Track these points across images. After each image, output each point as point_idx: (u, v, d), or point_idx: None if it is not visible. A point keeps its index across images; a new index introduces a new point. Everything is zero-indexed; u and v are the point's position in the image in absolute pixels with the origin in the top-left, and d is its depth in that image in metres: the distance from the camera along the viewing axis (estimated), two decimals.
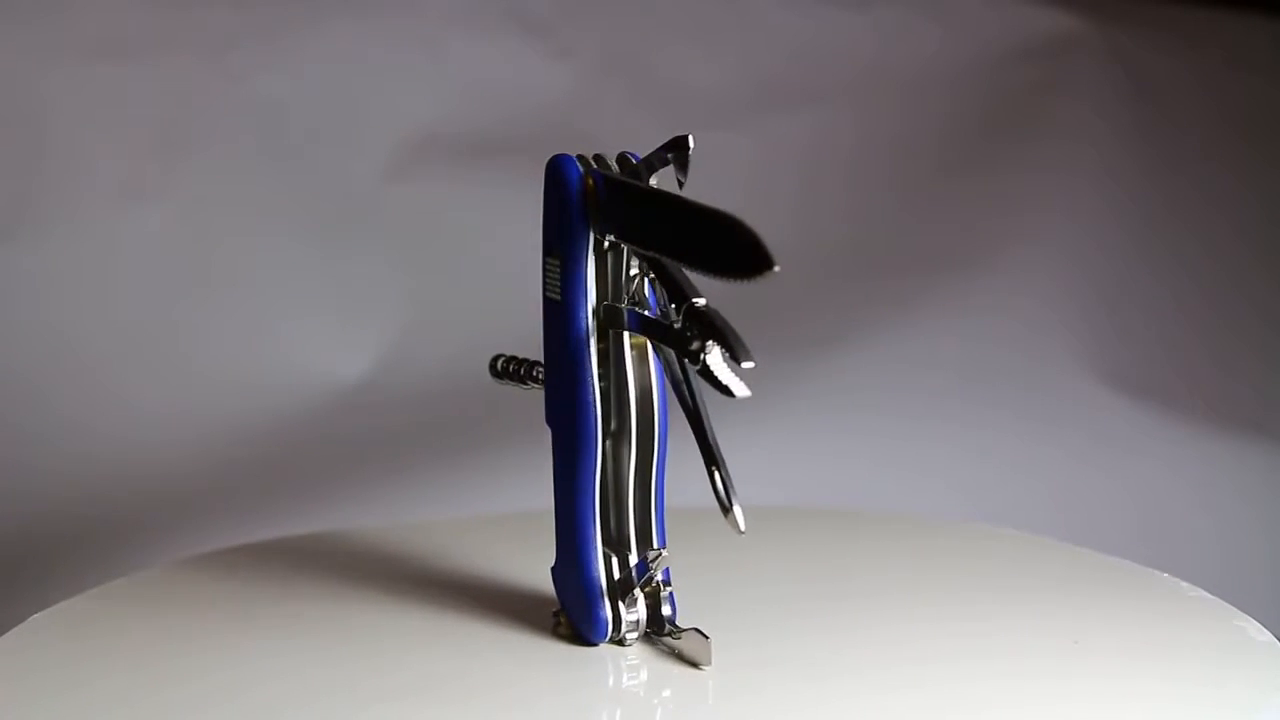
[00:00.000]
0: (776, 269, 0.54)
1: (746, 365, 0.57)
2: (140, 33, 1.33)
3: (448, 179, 1.40)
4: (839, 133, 1.53)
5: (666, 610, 0.64)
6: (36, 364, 1.29)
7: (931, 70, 1.55)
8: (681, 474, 0.66)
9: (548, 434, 0.65)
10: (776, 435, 1.41)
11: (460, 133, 1.41)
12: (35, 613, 0.71)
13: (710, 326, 0.58)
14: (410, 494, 1.31)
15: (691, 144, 0.61)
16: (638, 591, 0.64)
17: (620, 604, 0.64)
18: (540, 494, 0.67)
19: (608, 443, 0.64)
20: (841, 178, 1.53)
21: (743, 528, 0.59)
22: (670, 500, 0.66)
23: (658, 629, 0.64)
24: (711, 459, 0.60)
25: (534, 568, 0.72)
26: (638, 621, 0.64)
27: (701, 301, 0.58)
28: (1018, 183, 1.57)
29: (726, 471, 0.60)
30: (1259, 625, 0.69)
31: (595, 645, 0.64)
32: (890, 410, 1.47)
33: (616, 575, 0.64)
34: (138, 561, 0.87)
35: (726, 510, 0.59)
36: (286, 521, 1.22)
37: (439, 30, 1.42)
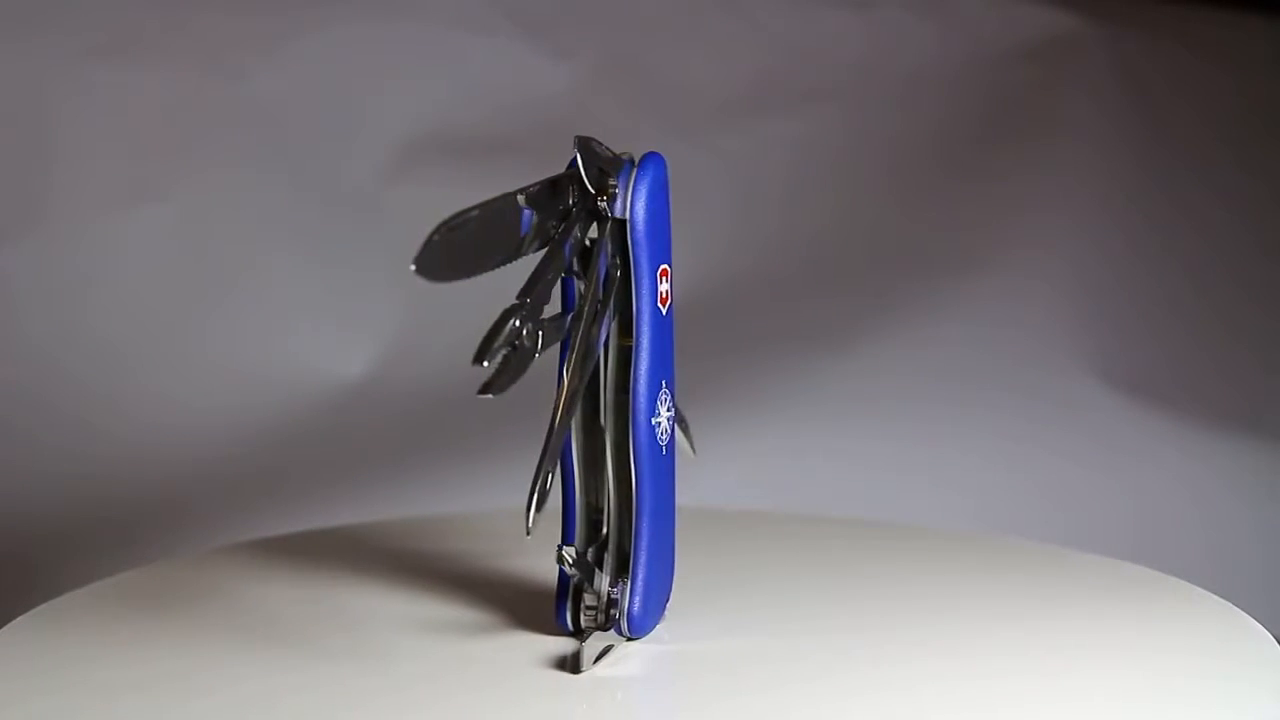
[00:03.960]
0: (411, 268, 0.57)
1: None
2: (140, 33, 1.33)
3: (448, 179, 1.40)
4: (837, 133, 1.53)
5: (620, 609, 0.64)
6: (35, 364, 1.29)
7: (929, 70, 1.55)
8: (683, 475, 0.66)
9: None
10: (773, 437, 1.41)
11: (460, 133, 1.41)
12: (29, 609, 0.71)
13: None
14: (409, 492, 1.31)
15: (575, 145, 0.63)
16: (602, 588, 0.64)
17: (583, 598, 0.65)
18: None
19: (594, 440, 0.65)
20: (839, 178, 1.53)
21: (529, 535, 0.60)
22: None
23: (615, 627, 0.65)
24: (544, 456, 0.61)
25: (532, 564, 0.72)
26: (594, 616, 0.65)
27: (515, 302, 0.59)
28: (1016, 183, 1.57)
29: (546, 474, 0.60)
30: (1257, 623, 0.69)
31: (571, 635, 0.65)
32: (888, 413, 1.47)
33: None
34: (136, 558, 0.87)
35: (529, 511, 0.60)
36: (286, 519, 1.22)
37: (439, 30, 1.42)
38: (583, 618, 0.65)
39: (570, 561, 0.63)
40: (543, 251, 0.62)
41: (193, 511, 1.28)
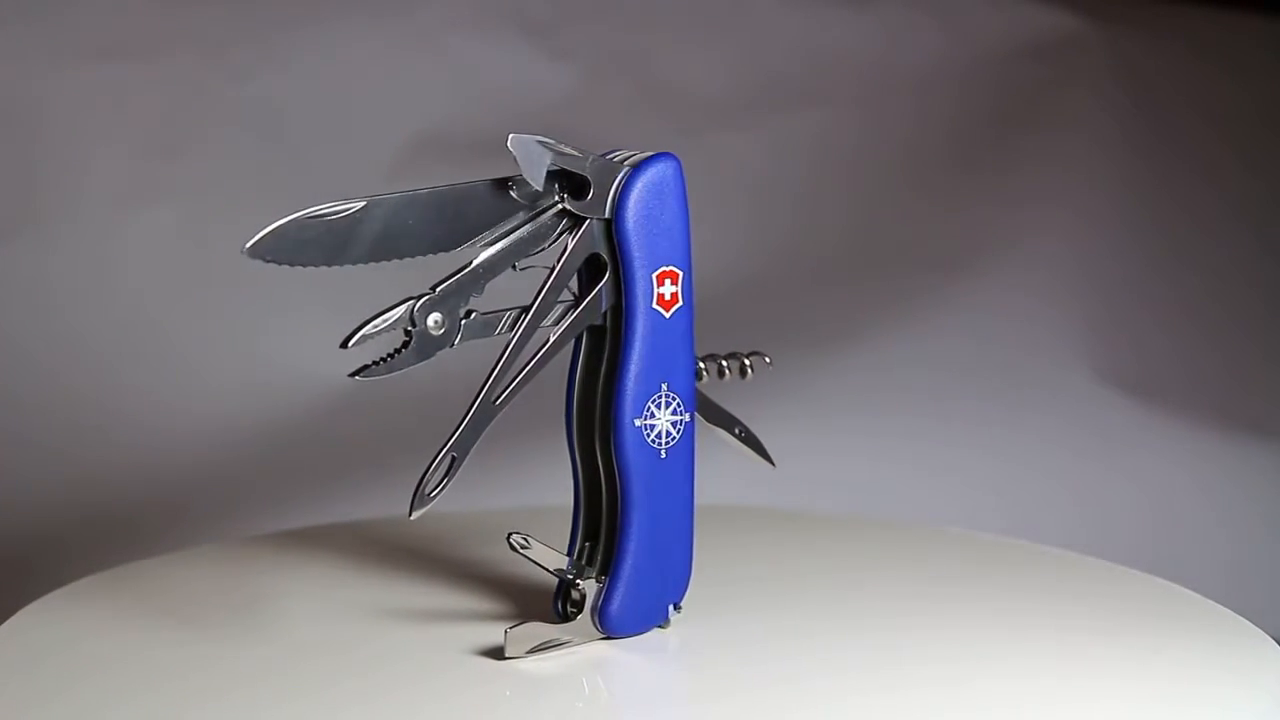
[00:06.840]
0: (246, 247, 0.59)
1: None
2: (140, 33, 1.33)
3: (448, 179, 1.39)
4: (842, 132, 1.53)
5: (591, 605, 0.64)
6: (33, 365, 1.30)
7: (934, 69, 1.55)
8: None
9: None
10: (773, 437, 1.41)
11: (460, 133, 1.40)
12: (24, 606, 0.71)
13: None
14: (406, 492, 1.31)
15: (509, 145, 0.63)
16: (582, 582, 0.64)
17: (573, 592, 0.65)
18: (535, 490, 0.67)
19: (591, 439, 0.65)
20: (845, 177, 1.53)
21: (411, 517, 0.62)
22: None
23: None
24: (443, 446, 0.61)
25: (529, 563, 0.72)
26: (580, 609, 0.65)
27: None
28: (1021, 182, 1.57)
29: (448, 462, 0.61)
30: (1256, 627, 0.69)
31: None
32: (893, 410, 1.47)
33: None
34: (133, 557, 0.88)
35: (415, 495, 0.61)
36: (283, 517, 1.22)
37: (439, 31, 1.42)
38: (569, 609, 0.65)
39: (520, 548, 0.63)
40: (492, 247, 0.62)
41: (188, 510, 1.28)
